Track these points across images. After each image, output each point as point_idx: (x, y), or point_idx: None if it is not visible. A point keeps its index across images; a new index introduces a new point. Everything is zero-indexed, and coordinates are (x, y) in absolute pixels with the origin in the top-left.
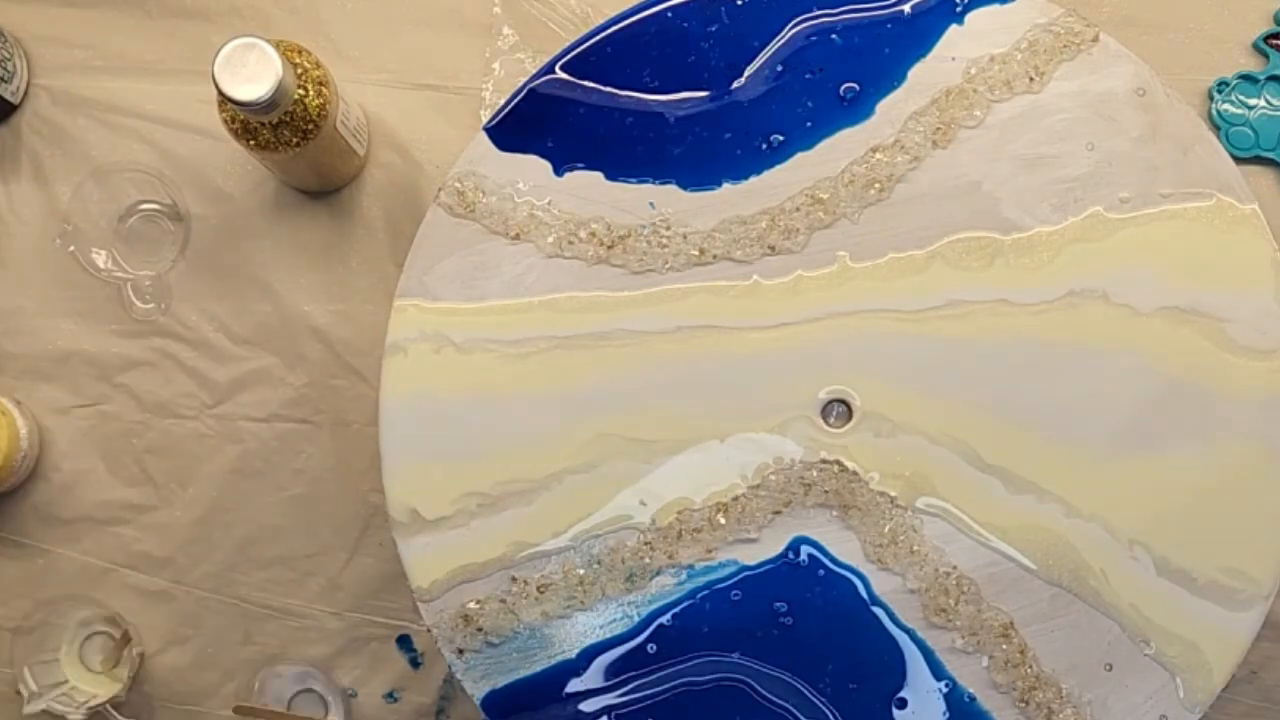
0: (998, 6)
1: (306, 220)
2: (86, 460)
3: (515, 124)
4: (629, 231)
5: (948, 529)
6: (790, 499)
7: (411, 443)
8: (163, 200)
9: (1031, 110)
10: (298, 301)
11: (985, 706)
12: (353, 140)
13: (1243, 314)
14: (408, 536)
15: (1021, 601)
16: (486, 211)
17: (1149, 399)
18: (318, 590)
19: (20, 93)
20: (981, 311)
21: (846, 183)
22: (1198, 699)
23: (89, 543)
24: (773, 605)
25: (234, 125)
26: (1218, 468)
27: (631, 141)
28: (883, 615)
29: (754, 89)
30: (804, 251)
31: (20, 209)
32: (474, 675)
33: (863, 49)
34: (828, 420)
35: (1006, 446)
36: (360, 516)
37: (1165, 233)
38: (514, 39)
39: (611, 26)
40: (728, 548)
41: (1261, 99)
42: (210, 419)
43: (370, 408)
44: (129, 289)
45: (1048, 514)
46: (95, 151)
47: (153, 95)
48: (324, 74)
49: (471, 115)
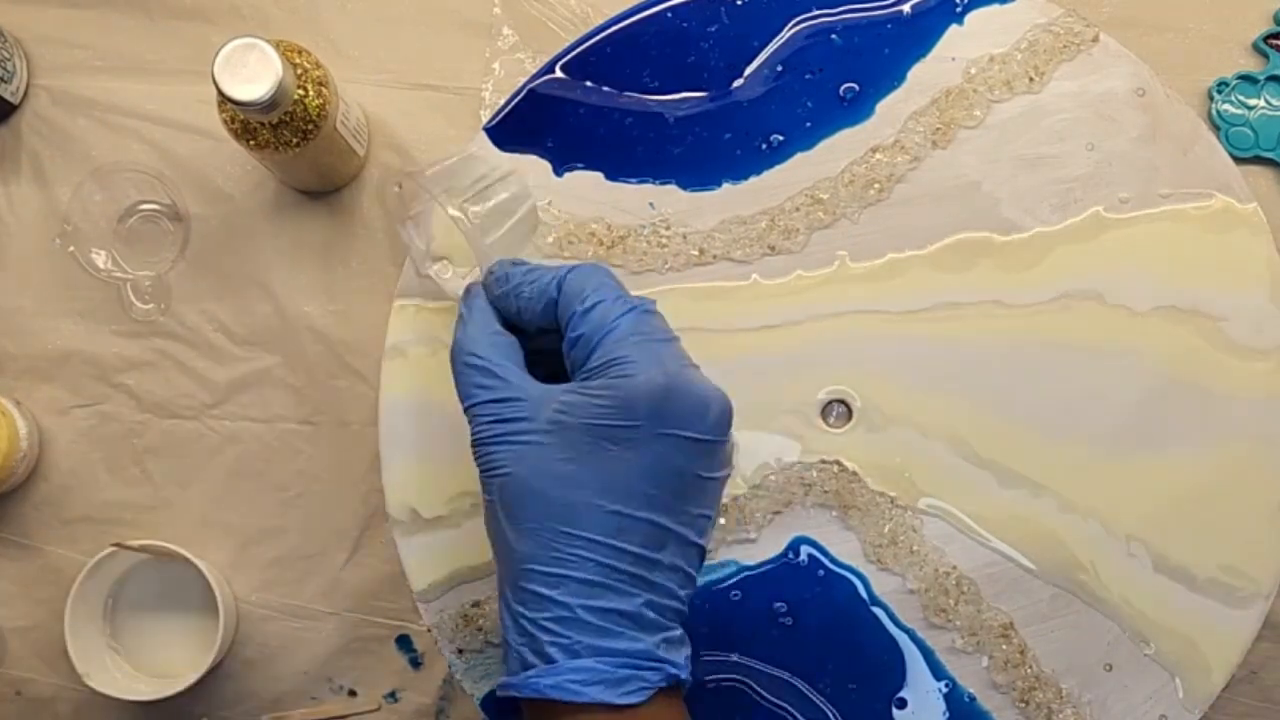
0: (998, 6)
1: (306, 220)
2: (86, 460)
3: (515, 124)
4: (629, 231)
5: (947, 529)
6: (790, 499)
7: (411, 443)
8: (163, 200)
9: (1031, 110)
10: (298, 301)
11: (985, 706)
12: (353, 140)
13: (1240, 313)
14: (407, 536)
15: (1021, 601)
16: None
17: (1146, 398)
18: (318, 590)
19: (20, 93)
20: (981, 311)
21: (846, 183)
22: (1197, 699)
23: (89, 543)
24: (772, 605)
25: (234, 125)
26: (1215, 466)
27: (631, 141)
28: (883, 615)
29: (754, 89)
30: (804, 251)
31: (20, 209)
32: (474, 675)
33: (862, 49)
34: (827, 420)
35: (1006, 445)
36: (360, 516)
37: (1164, 233)
38: (514, 39)
39: (611, 26)
40: (727, 548)
41: (1261, 99)
42: (210, 419)
43: (370, 408)
44: (129, 289)
45: (1044, 509)
46: (95, 151)
47: (153, 95)
48: (324, 74)
49: (471, 115)
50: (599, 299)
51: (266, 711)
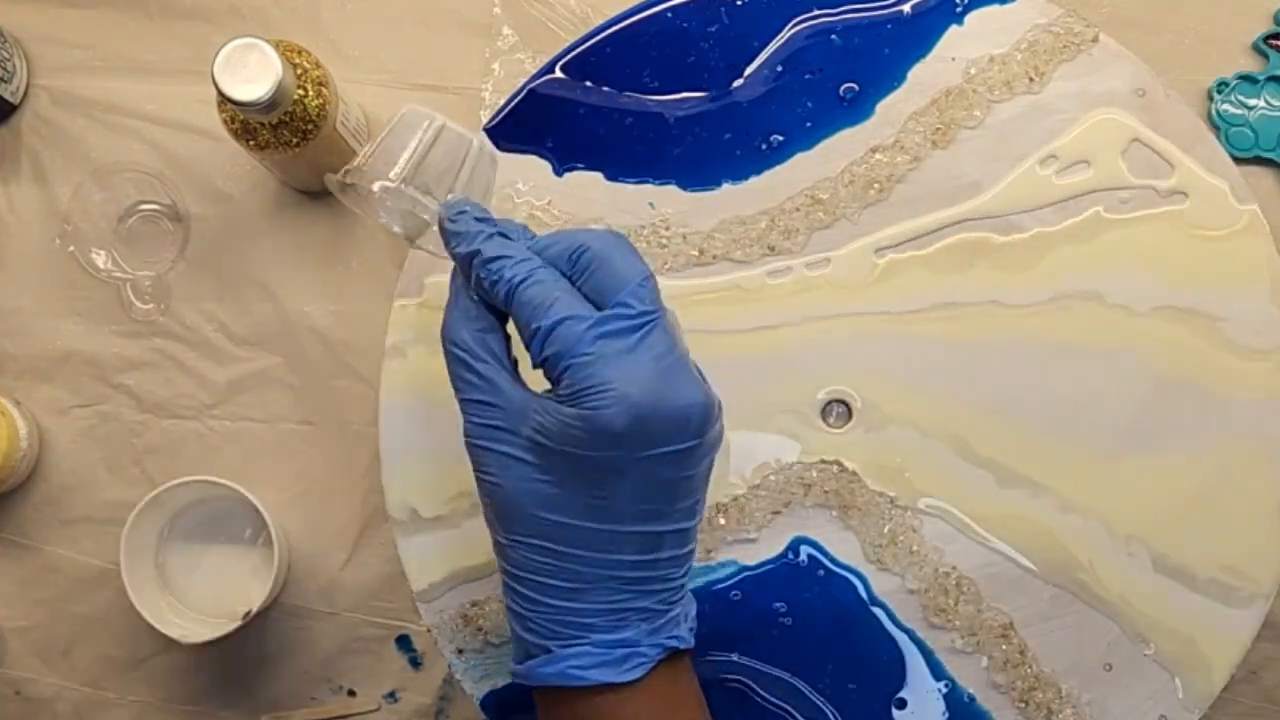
0: (998, 7)
1: (306, 220)
2: (86, 460)
3: (515, 124)
4: (629, 231)
5: (947, 529)
6: (790, 499)
7: (411, 443)
8: (162, 200)
9: (1031, 110)
10: (298, 302)
11: (985, 706)
12: (353, 140)
13: (1240, 314)
14: (407, 536)
15: (1021, 601)
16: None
17: (1146, 398)
18: (318, 590)
19: (20, 93)
20: (981, 311)
21: (846, 183)
22: (1197, 699)
23: (89, 543)
24: (772, 605)
25: (234, 125)
26: (1214, 466)
27: (631, 141)
28: (882, 615)
29: (754, 89)
30: (804, 252)
31: (20, 209)
32: (474, 675)
33: (862, 49)
34: (827, 420)
35: (1006, 445)
36: (360, 516)
37: (1164, 233)
38: (514, 39)
39: (611, 26)
40: (727, 548)
41: (1261, 99)
42: (210, 419)
43: (370, 408)
44: (129, 289)
45: (1044, 509)
46: (95, 151)
47: (153, 95)
48: (324, 74)
49: (471, 115)
50: (559, 315)
51: (266, 711)
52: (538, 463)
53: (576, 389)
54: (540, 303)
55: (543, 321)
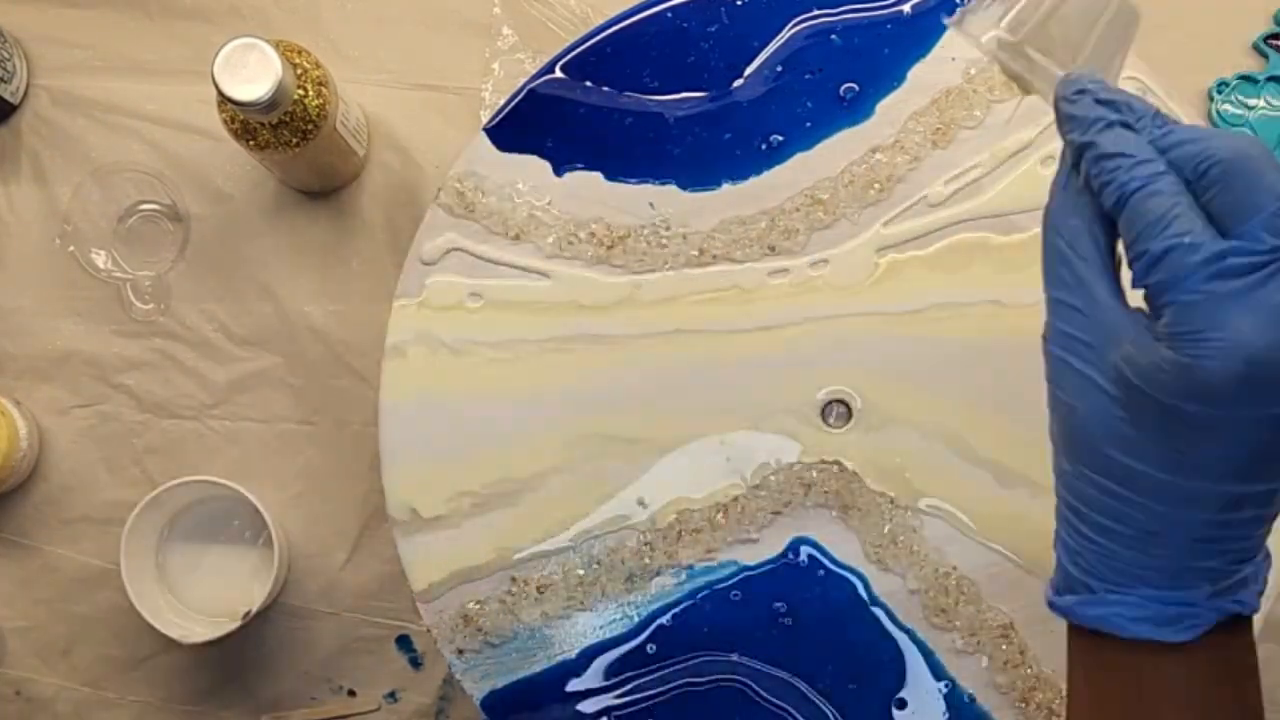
0: None
1: (306, 220)
2: (86, 460)
3: (515, 124)
4: (629, 232)
5: (947, 529)
6: (790, 499)
7: (411, 443)
8: (162, 200)
9: (1031, 110)
10: (298, 301)
11: (985, 706)
12: (352, 140)
13: None
14: (407, 536)
15: (1021, 602)
16: (486, 212)
17: None
18: (318, 590)
19: (20, 93)
20: (980, 311)
21: (846, 183)
22: None
23: (89, 543)
24: (772, 605)
25: (234, 125)
26: None
27: (631, 141)
28: (883, 615)
29: (754, 89)
30: (804, 252)
31: (20, 209)
32: (474, 675)
33: (862, 49)
34: (827, 420)
35: (1006, 445)
36: (360, 516)
37: None
38: (514, 39)
39: (611, 26)
40: (728, 548)
41: (1261, 99)
42: (210, 419)
43: (370, 408)
44: (129, 289)
45: (1044, 509)
46: (95, 151)
47: (153, 95)
48: (324, 74)
49: (471, 115)
50: (1171, 239)
51: (266, 711)
52: (1119, 396)
53: (1178, 330)
54: (1153, 219)
55: (1151, 244)
